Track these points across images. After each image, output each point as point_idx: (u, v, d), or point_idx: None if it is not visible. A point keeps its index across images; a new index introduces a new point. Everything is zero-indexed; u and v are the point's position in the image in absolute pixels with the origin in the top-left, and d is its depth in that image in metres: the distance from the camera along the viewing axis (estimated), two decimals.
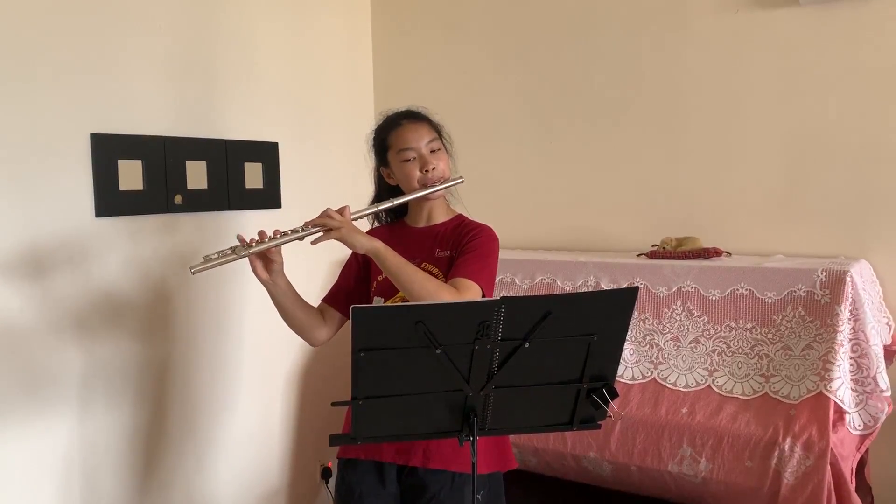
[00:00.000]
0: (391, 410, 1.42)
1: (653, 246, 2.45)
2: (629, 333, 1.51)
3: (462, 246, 1.71)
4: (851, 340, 2.05)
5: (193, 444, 2.46)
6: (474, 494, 1.46)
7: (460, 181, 1.77)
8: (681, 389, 2.18)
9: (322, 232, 1.62)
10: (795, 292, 2.14)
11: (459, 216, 1.83)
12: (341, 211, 1.64)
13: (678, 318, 2.28)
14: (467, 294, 1.59)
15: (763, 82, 2.44)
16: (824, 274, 2.11)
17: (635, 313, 2.30)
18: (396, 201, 1.75)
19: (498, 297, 1.30)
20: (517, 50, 2.88)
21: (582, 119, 2.77)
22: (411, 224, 1.84)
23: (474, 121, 2.94)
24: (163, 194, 2.30)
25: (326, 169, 2.88)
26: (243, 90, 2.58)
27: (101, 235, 2.17)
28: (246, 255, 1.61)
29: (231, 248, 1.60)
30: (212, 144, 2.45)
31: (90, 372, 2.15)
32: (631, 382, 2.25)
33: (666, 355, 2.26)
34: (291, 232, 1.63)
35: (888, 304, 2.28)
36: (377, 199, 1.84)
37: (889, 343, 2.20)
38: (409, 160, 1.74)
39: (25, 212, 2.00)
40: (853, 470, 2.01)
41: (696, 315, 2.26)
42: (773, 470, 1.95)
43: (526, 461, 2.33)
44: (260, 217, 2.59)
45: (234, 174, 2.52)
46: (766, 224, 2.46)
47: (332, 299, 1.85)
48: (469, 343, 1.33)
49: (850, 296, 2.06)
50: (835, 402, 1.97)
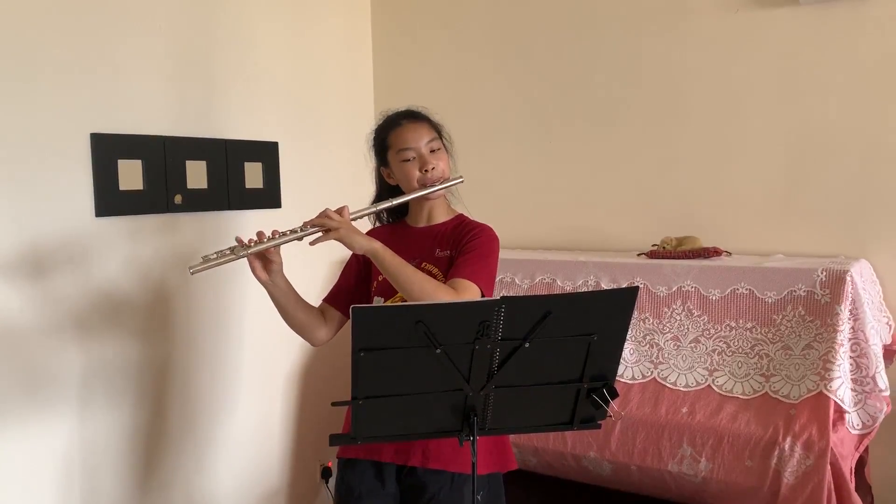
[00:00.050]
0: (391, 410, 1.42)
1: (653, 245, 2.45)
2: (629, 333, 1.51)
3: (462, 246, 1.70)
4: (851, 340, 2.05)
5: (193, 444, 2.46)
6: (474, 494, 1.46)
7: (460, 181, 1.77)
8: (681, 389, 2.18)
9: (321, 232, 1.62)
10: (795, 292, 2.14)
11: (460, 216, 1.83)
12: (340, 211, 1.64)
13: (678, 318, 2.28)
14: (465, 294, 1.59)
15: (763, 82, 2.44)
16: (824, 273, 2.11)
17: (635, 313, 2.30)
18: (396, 201, 1.75)
19: (498, 297, 1.31)
20: (517, 50, 2.88)
21: (582, 119, 2.77)
22: (412, 224, 1.84)
23: (474, 121, 2.93)
24: (163, 194, 2.30)
25: (326, 169, 2.88)
26: (243, 90, 2.58)
27: (101, 235, 2.17)
28: (245, 256, 1.61)
29: (230, 249, 1.61)
30: (212, 144, 2.45)
31: (90, 372, 2.15)
32: (631, 382, 2.25)
33: (666, 355, 2.26)
34: (290, 232, 1.63)
35: (888, 304, 2.28)
36: (377, 199, 1.84)
37: (889, 343, 2.21)
38: (409, 160, 1.74)
39: (25, 212, 2.00)
40: (853, 469, 2.01)
41: (696, 315, 2.26)
42: (774, 469, 1.95)
43: (526, 461, 2.33)
44: (260, 217, 2.59)
45: (234, 174, 2.52)
46: (766, 224, 2.46)
47: (333, 299, 1.85)
48: (469, 343, 1.33)
49: (850, 295, 2.06)
50: (835, 402, 1.97)
